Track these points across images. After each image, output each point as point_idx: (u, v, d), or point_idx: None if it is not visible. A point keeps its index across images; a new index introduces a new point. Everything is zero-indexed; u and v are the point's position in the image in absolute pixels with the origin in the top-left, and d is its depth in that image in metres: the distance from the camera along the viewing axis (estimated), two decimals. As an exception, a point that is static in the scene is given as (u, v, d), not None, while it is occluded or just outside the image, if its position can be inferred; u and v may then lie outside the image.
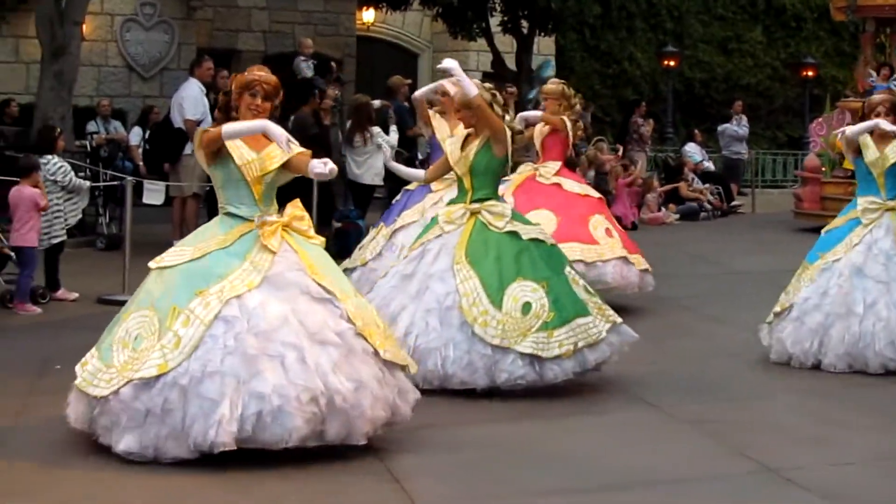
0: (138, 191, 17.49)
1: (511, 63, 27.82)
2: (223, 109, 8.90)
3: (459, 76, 9.65)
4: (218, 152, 8.53)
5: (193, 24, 30.63)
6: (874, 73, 24.65)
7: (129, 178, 17.88)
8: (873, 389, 10.18)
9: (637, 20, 36.46)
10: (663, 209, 26.41)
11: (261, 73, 8.77)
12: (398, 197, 14.53)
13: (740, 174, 31.30)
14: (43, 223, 14.43)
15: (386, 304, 9.55)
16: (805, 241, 13.66)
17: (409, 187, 14.14)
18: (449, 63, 9.88)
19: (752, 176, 32.06)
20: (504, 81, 24.48)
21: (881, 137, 10.71)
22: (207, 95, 19.68)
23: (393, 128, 20.44)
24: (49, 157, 15.08)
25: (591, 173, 24.67)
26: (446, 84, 10.65)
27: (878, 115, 10.76)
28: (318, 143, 15.05)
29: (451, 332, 9.32)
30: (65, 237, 15.42)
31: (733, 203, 28.84)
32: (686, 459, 8.80)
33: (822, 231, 11.28)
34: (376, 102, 18.70)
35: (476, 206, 9.74)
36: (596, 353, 9.79)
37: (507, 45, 28.73)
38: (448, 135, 10.73)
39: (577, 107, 15.04)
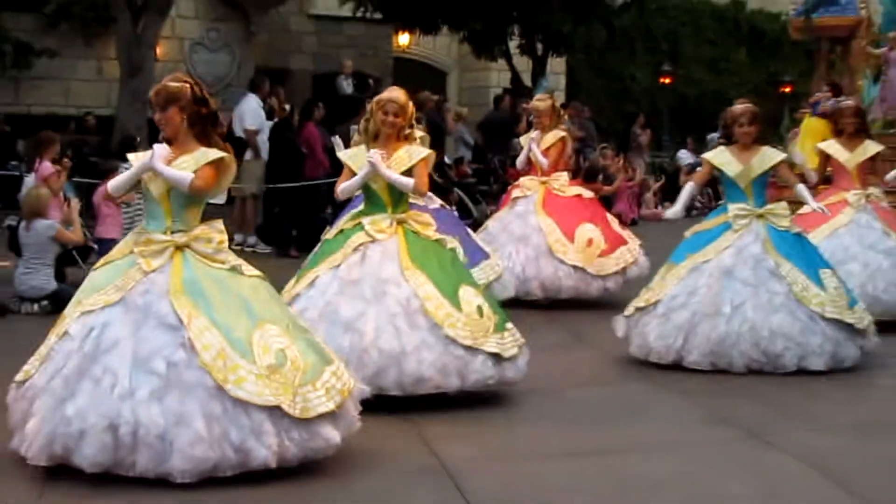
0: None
1: (527, 80, 27.77)
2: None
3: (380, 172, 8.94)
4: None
5: (252, 47, 30.67)
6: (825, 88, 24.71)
7: (196, 180, 17.95)
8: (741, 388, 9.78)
9: (637, 43, 36.40)
10: (660, 206, 26.37)
11: (165, 84, 7.50)
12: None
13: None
14: (125, 218, 14.45)
15: (334, 309, 8.57)
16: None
17: None
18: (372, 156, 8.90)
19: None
20: (521, 96, 24.40)
21: (744, 148, 10.42)
22: (263, 108, 19.75)
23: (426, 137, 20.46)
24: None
25: (599, 176, 24.72)
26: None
27: (740, 126, 10.36)
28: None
29: (422, 335, 8.48)
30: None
31: (720, 201, 28.70)
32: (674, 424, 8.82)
33: (688, 233, 10.74)
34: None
35: (401, 215, 9.06)
36: (524, 357, 9.07)
37: (523, 64, 28.67)
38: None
39: (566, 117, 14.81)
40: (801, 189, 10.79)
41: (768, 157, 10.40)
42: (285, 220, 18.92)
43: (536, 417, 8.94)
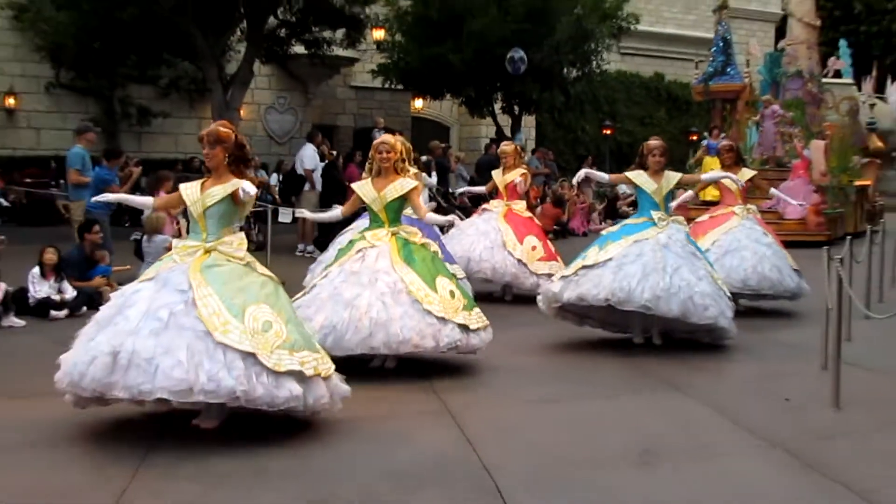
0: (275, 214, 17.50)
1: (508, 132, 27.74)
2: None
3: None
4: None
5: (309, 109, 30.72)
6: (707, 134, 24.91)
7: (270, 205, 17.96)
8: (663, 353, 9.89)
9: (586, 105, 36.26)
10: (603, 223, 26.36)
11: (210, 128, 7.40)
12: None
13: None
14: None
15: (339, 293, 8.51)
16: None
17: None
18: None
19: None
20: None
21: (654, 173, 10.25)
22: (317, 153, 19.77)
23: (433, 173, 20.50)
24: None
25: (565, 203, 24.78)
26: None
27: (653, 156, 10.22)
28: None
29: (404, 308, 8.45)
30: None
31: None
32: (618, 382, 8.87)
33: (606, 231, 10.62)
34: (423, 157, 18.61)
35: (395, 229, 8.99)
36: (487, 333, 8.96)
37: (505, 121, 28.61)
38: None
39: (534, 157, 14.77)
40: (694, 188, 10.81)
41: (671, 178, 10.37)
42: (333, 233, 18.91)
43: (515, 375, 8.97)
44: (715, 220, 12.58)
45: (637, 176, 10.38)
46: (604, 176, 11.52)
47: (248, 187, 7.04)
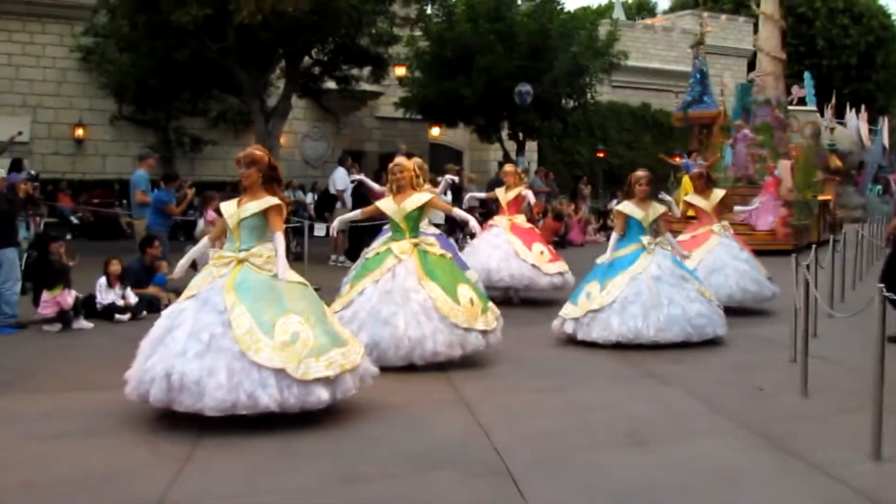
0: (311, 228, 17.54)
1: (514, 156, 27.74)
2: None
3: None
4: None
5: (340, 137, 30.77)
6: (686, 156, 24.85)
7: (307, 221, 18.00)
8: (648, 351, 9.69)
9: (582, 131, 36.28)
10: (598, 235, 26.35)
11: (245, 151, 7.39)
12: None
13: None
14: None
15: (377, 311, 8.50)
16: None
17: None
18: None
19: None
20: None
21: (640, 201, 10.29)
22: (348, 175, 19.79)
23: (448, 192, 20.49)
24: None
25: (564, 217, 24.75)
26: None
27: (639, 185, 10.27)
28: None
29: (434, 324, 8.47)
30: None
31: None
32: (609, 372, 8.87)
33: (601, 260, 10.30)
34: (448, 177, 18.57)
35: (416, 240, 8.99)
36: (500, 323, 9.05)
37: (510, 146, 28.66)
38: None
39: (535, 177, 14.83)
40: (668, 236, 10.67)
41: (657, 208, 10.41)
42: (362, 245, 18.93)
43: (523, 367, 8.95)
44: (696, 239, 12.54)
45: (625, 207, 10.42)
46: (615, 235, 10.72)
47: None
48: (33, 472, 5.78)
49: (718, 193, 12.88)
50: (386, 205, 9.26)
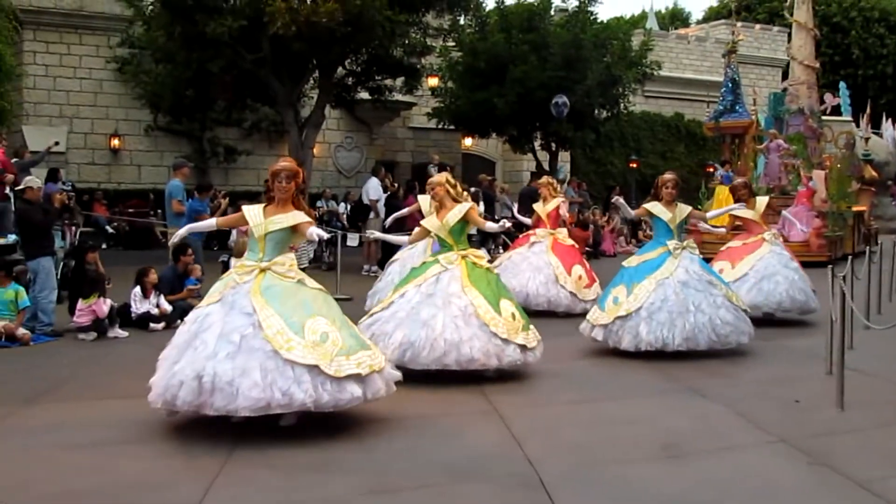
0: (344, 238, 17.58)
1: (546, 166, 27.69)
2: (265, 193, 7.46)
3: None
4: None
5: (373, 147, 30.79)
6: (720, 167, 24.60)
7: (340, 231, 18.04)
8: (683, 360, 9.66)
9: (614, 142, 36.19)
10: (630, 245, 26.24)
11: (284, 163, 7.45)
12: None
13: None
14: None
15: (416, 312, 8.45)
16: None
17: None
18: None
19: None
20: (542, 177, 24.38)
21: (668, 203, 10.34)
22: (381, 185, 19.84)
23: (481, 202, 20.52)
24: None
25: (591, 226, 24.69)
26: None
27: (666, 188, 10.34)
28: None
29: (473, 330, 8.35)
30: (307, 263, 15.50)
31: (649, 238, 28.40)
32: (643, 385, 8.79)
33: (627, 263, 10.43)
34: (472, 189, 18.58)
35: (464, 252, 8.94)
36: (539, 349, 8.86)
37: (543, 156, 28.58)
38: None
39: (560, 189, 14.82)
40: (706, 222, 10.67)
41: (683, 210, 10.41)
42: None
43: (556, 379, 8.90)
44: (747, 246, 12.50)
45: (653, 206, 10.44)
46: (630, 212, 11.47)
47: (318, 232, 7.20)
48: (70, 480, 5.81)
49: (763, 201, 12.93)
50: (430, 222, 9.28)
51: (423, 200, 12.84)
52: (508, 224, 10.21)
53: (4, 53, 18.17)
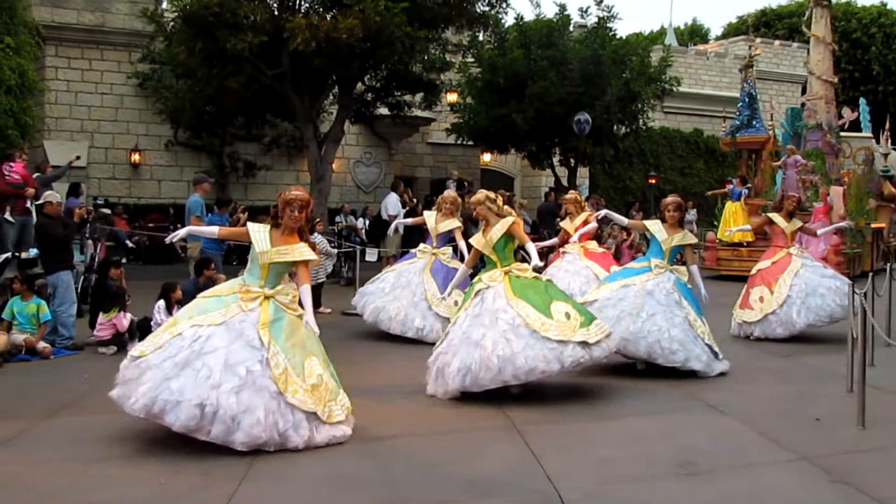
0: (363, 253, 17.59)
1: (565, 182, 27.65)
2: (272, 217, 7.59)
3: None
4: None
5: (392, 163, 30.80)
6: (734, 182, 24.46)
7: (358, 246, 18.05)
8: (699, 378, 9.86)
9: (634, 158, 36.13)
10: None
11: (297, 193, 7.59)
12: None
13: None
14: (311, 271, 14.47)
15: (467, 336, 8.46)
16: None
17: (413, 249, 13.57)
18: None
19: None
20: (560, 193, 24.29)
21: (671, 225, 10.28)
22: (400, 201, 19.84)
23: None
24: (313, 235, 15.05)
25: (611, 241, 24.61)
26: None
27: (668, 211, 10.27)
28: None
29: (525, 340, 8.28)
30: (324, 278, 15.51)
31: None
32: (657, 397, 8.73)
33: (613, 269, 10.76)
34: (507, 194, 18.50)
35: (507, 268, 8.91)
36: (611, 341, 8.81)
37: (562, 172, 28.51)
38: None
39: (584, 205, 14.80)
40: (693, 269, 10.51)
41: (684, 237, 10.35)
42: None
43: (575, 395, 8.89)
44: (777, 265, 12.46)
45: (653, 224, 10.44)
46: (623, 220, 11.33)
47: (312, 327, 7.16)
48: (92, 493, 5.83)
49: (797, 222, 12.89)
50: (477, 240, 9.27)
51: (429, 216, 12.96)
52: (555, 239, 10.22)
53: (27, 69, 18.24)
